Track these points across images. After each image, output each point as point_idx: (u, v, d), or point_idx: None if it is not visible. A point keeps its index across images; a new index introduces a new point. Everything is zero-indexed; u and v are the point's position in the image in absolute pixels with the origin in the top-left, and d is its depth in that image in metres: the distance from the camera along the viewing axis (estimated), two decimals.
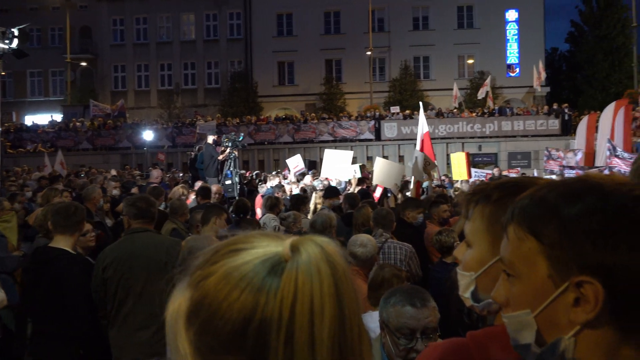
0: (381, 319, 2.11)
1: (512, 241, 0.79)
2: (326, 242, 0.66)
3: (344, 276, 0.64)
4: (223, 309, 0.61)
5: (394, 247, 4.51)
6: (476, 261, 1.07)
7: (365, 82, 31.30)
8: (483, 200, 1.09)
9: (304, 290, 0.61)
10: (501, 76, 32.29)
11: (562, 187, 0.77)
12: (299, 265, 0.62)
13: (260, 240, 0.66)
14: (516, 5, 32.44)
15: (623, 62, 31.52)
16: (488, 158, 25.30)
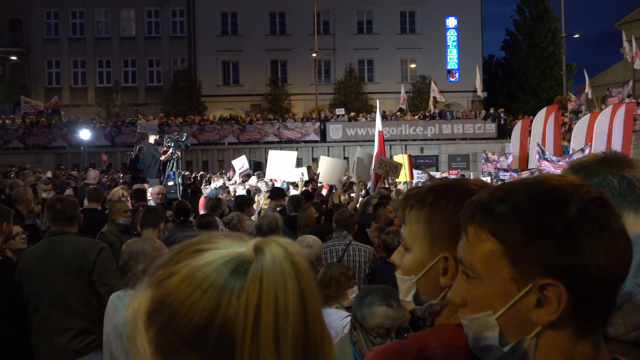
0: (354, 318, 2.11)
1: (473, 242, 0.78)
2: (289, 244, 0.68)
3: (306, 276, 0.65)
4: (185, 308, 0.61)
5: (357, 250, 4.48)
6: (416, 264, 1.07)
7: (311, 84, 31.44)
8: (418, 204, 1.09)
9: (268, 290, 0.62)
10: (442, 81, 33.35)
11: (522, 188, 0.76)
12: (264, 266, 0.63)
13: (224, 241, 0.67)
14: (455, 12, 33.63)
15: (553, 69, 33.37)
16: (429, 160, 26.08)
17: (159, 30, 33.28)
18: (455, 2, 33.39)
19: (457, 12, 33.61)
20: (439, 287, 1.03)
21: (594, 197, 0.73)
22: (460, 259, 0.81)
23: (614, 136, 15.55)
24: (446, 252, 1.02)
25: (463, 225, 0.80)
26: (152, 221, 4.19)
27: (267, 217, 4.93)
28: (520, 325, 0.74)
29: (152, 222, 4.18)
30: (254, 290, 0.61)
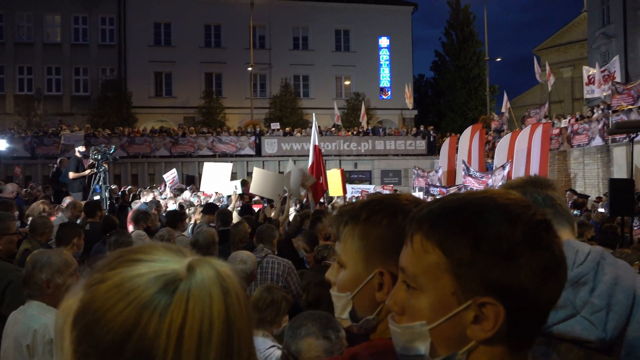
0: (287, 351, 1.97)
1: (417, 253, 0.77)
2: (222, 266, 0.66)
3: (236, 301, 0.64)
4: (107, 318, 0.59)
5: (272, 262, 4.51)
6: (352, 281, 1.06)
7: (246, 98, 31.26)
8: (352, 220, 1.09)
9: (194, 312, 0.60)
10: (375, 98, 34.33)
11: (473, 203, 0.76)
12: (192, 287, 0.61)
13: (162, 254, 0.65)
14: (388, 33, 34.84)
15: (478, 90, 35.26)
16: (363, 175, 26.59)
17: (87, 37, 31.88)
18: (388, 23, 34.61)
19: (390, 32, 34.83)
20: (375, 302, 1.03)
21: (539, 220, 0.74)
22: (402, 267, 0.80)
23: (533, 154, 16.61)
24: (381, 267, 1.02)
25: (409, 234, 0.79)
26: (64, 238, 4.05)
27: (202, 233, 4.82)
28: (454, 339, 0.74)
29: (64, 238, 4.05)
30: (179, 311, 0.59)
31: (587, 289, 1.06)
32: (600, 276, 1.09)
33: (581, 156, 18.56)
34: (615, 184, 8.85)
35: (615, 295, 1.06)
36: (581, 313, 1.03)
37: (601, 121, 17.40)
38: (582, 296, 1.04)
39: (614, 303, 1.05)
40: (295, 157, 24.98)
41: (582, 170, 18.54)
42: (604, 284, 1.07)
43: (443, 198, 0.81)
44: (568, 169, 19.38)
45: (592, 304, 1.04)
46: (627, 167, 10.89)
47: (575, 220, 5.37)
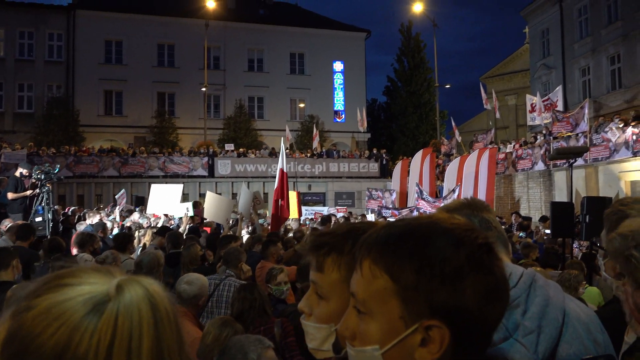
0: None
1: (366, 278, 0.78)
2: (151, 284, 0.67)
3: (166, 319, 0.65)
4: (35, 344, 0.59)
5: (229, 285, 4.47)
6: (336, 314, 1.00)
7: (200, 118, 30.94)
8: (335, 251, 1.06)
9: (122, 330, 0.61)
10: (329, 121, 34.75)
11: (418, 229, 0.78)
12: (120, 306, 0.62)
13: (90, 277, 0.65)
14: (342, 57, 35.55)
15: (429, 115, 36.33)
16: (317, 197, 26.68)
17: (33, 53, 30.80)
18: (342, 47, 35.34)
19: (344, 57, 35.55)
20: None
21: (481, 243, 0.77)
22: (352, 293, 0.81)
23: (480, 177, 17.20)
24: None
25: (359, 260, 0.80)
26: (3, 261, 3.92)
27: (147, 255, 4.69)
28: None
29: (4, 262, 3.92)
30: (107, 330, 0.60)
31: (520, 311, 1.10)
32: (532, 298, 1.14)
33: (525, 180, 19.36)
34: (556, 207, 9.26)
35: (546, 317, 1.11)
36: (514, 336, 1.07)
37: (543, 147, 18.26)
38: (514, 319, 1.08)
39: (545, 325, 1.10)
40: (249, 178, 24.84)
41: (526, 194, 19.32)
42: (536, 306, 1.12)
43: (391, 223, 0.83)
44: (513, 192, 20.14)
45: (524, 327, 1.08)
46: (567, 191, 11.45)
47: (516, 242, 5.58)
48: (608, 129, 16.04)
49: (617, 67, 23.70)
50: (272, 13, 36.70)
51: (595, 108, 23.50)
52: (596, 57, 24.88)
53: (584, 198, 8.69)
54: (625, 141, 14.97)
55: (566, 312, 1.14)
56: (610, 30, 23.90)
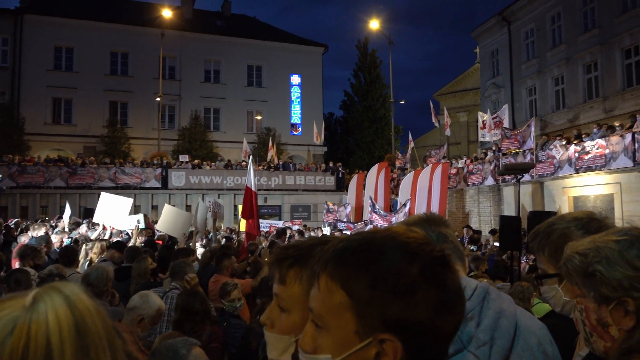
0: None
1: (323, 293, 0.78)
2: (72, 289, 0.69)
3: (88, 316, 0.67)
4: None
5: (172, 298, 4.42)
6: (297, 326, 1.02)
7: (154, 129, 30.28)
8: (298, 264, 1.07)
9: (37, 338, 0.63)
10: (286, 134, 34.80)
11: (374, 242, 0.78)
12: (33, 316, 0.64)
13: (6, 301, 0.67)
14: (299, 71, 35.78)
15: (384, 130, 36.99)
16: (273, 210, 26.54)
17: None
18: (299, 61, 35.59)
19: (301, 70, 35.79)
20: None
21: (436, 257, 0.77)
22: (310, 308, 0.81)
23: (433, 191, 17.58)
24: None
25: (316, 274, 0.80)
26: None
27: (96, 269, 4.51)
28: None
29: None
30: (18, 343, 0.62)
31: (474, 323, 1.12)
32: (486, 310, 1.16)
33: (476, 194, 19.96)
34: (504, 220, 9.57)
35: (499, 329, 1.14)
36: (468, 347, 1.09)
37: (493, 163, 18.91)
38: (468, 331, 1.10)
39: (498, 337, 1.12)
40: (204, 190, 24.44)
41: (477, 208, 19.90)
42: (489, 318, 1.14)
43: (348, 237, 0.82)
44: (464, 206, 20.71)
45: (477, 339, 1.10)
46: (515, 205, 11.89)
47: (468, 255, 5.71)
48: (552, 146, 16.79)
49: (561, 88, 24.93)
50: (229, 24, 36.58)
51: (541, 126, 24.59)
52: (542, 78, 26.10)
53: (530, 212, 9.04)
54: (568, 158, 15.71)
55: (518, 324, 1.17)
56: (555, 53, 25.16)
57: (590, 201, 15.49)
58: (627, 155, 13.60)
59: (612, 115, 20.59)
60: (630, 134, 13.70)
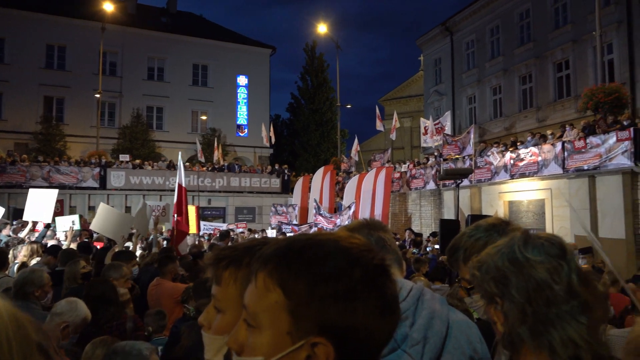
0: None
1: (260, 291, 0.77)
2: None
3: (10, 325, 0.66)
4: None
5: None
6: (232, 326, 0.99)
7: (92, 126, 29.05)
8: (233, 264, 1.07)
9: None
10: (231, 135, 34.38)
11: (317, 244, 0.78)
12: None
13: None
14: (246, 72, 35.48)
15: (330, 133, 37.32)
16: (217, 212, 26.12)
17: None
18: (246, 62, 35.29)
19: (248, 71, 35.49)
20: None
21: (376, 264, 0.77)
22: (244, 305, 0.80)
23: (377, 194, 17.91)
24: None
25: (254, 272, 0.79)
26: None
27: (28, 272, 4.26)
28: None
29: None
30: None
31: (408, 323, 1.16)
32: (420, 311, 1.20)
33: (418, 198, 20.50)
34: (444, 224, 9.90)
35: (431, 328, 1.18)
36: (402, 347, 1.12)
37: (434, 168, 19.49)
38: (402, 331, 1.14)
39: (431, 335, 1.17)
40: (145, 191, 23.71)
41: (418, 211, 20.44)
42: (422, 318, 1.19)
43: (291, 238, 0.82)
44: (407, 209, 21.22)
45: (411, 338, 1.14)
46: (455, 209, 12.33)
47: (410, 257, 5.86)
48: (490, 153, 17.53)
49: (499, 98, 26.10)
50: (175, 22, 35.75)
51: (480, 133, 25.62)
52: (481, 87, 27.21)
53: (469, 216, 9.40)
54: (504, 165, 16.44)
55: (450, 324, 1.22)
56: (493, 64, 26.31)
57: (524, 206, 16.27)
58: (557, 163, 14.41)
59: (544, 125, 21.75)
60: (560, 143, 14.52)
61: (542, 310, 1.06)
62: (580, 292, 1.08)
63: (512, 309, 1.09)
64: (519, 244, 1.13)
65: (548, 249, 1.11)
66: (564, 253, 1.11)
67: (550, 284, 1.07)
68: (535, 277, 1.08)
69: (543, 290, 1.07)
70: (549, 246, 1.11)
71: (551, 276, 1.07)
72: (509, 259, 1.12)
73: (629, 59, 19.07)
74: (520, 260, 1.10)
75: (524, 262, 1.10)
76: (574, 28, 21.55)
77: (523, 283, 1.08)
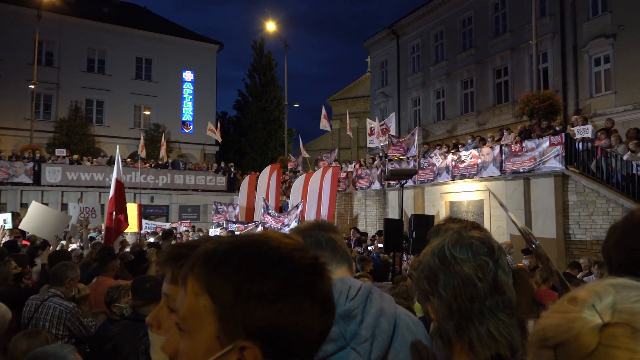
0: None
1: (189, 295, 0.75)
2: None
3: None
4: None
5: (50, 307, 4.11)
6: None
7: (25, 119, 27.53)
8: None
9: None
10: (176, 131, 33.55)
11: (245, 246, 0.76)
12: None
13: None
14: (192, 67, 34.72)
15: (277, 132, 37.20)
16: (160, 210, 25.44)
17: None
18: (193, 57, 34.54)
19: (194, 67, 34.75)
20: None
21: (307, 263, 0.76)
22: (176, 310, 0.78)
23: (323, 194, 18.02)
24: None
25: (184, 276, 0.78)
26: None
27: None
28: None
29: None
30: None
31: (357, 321, 1.19)
32: (368, 309, 1.23)
33: (363, 198, 20.80)
34: (388, 223, 10.09)
35: (379, 326, 1.21)
36: (350, 345, 1.14)
37: (379, 168, 19.85)
38: (351, 329, 1.16)
39: (378, 333, 1.20)
40: (83, 188, 22.75)
41: (364, 211, 20.75)
42: (371, 317, 1.21)
43: (220, 239, 0.80)
44: (353, 208, 21.49)
45: (359, 336, 1.17)
46: (399, 209, 12.59)
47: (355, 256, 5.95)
48: (433, 154, 18.06)
49: (442, 101, 26.93)
50: (117, 12, 34.46)
51: (424, 135, 26.33)
52: (425, 90, 27.98)
53: (412, 216, 9.63)
54: (446, 166, 16.98)
55: (397, 321, 1.25)
56: (437, 68, 27.12)
57: (464, 206, 16.87)
58: (495, 165, 15.04)
59: (484, 128, 22.65)
60: (499, 146, 15.17)
61: (467, 306, 1.10)
62: (505, 289, 1.12)
63: (440, 306, 1.13)
64: (449, 243, 1.18)
65: (477, 248, 1.15)
66: (492, 252, 1.15)
67: (474, 280, 1.11)
68: (461, 274, 1.12)
69: (467, 286, 1.11)
70: (479, 245, 1.16)
71: (476, 273, 1.12)
72: (438, 258, 1.16)
73: (562, 67, 20.19)
74: (448, 258, 1.15)
75: (451, 260, 1.14)
76: (512, 36, 22.56)
77: (450, 280, 1.12)
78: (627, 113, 17.35)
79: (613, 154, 12.28)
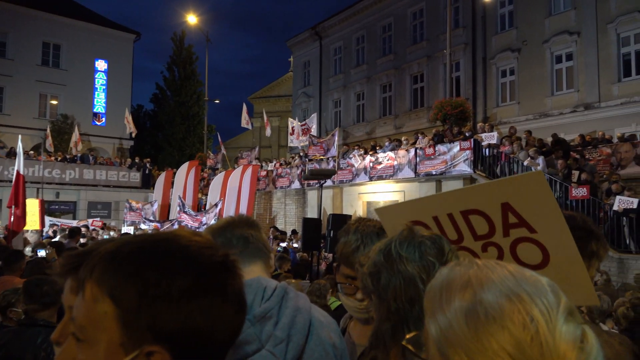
0: None
1: (88, 302, 0.69)
2: None
3: None
4: None
5: None
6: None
7: None
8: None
9: None
10: (87, 123, 31.55)
11: (150, 246, 0.72)
12: None
13: None
14: (106, 57, 32.85)
15: (197, 128, 36.22)
16: (66, 206, 23.88)
17: None
18: (107, 46, 32.70)
19: (108, 56, 32.91)
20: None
21: (216, 262, 0.72)
22: (72, 318, 0.72)
23: (243, 192, 17.82)
24: None
25: (81, 281, 0.72)
26: None
27: None
28: None
29: None
30: None
31: (272, 322, 1.17)
32: (284, 310, 1.22)
33: (283, 197, 20.83)
34: (307, 222, 10.18)
35: (295, 326, 1.20)
36: (266, 346, 1.13)
37: (300, 167, 19.97)
38: (267, 330, 1.15)
39: (294, 333, 1.19)
40: None
41: (283, 210, 20.78)
42: (286, 317, 1.21)
43: (123, 239, 0.75)
44: (272, 207, 21.45)
45: (275, 337, 1.15)
46: (318, 209, 12.73)
47: (274, 255, 5.94)
48: (352, 155, 18.46)
49: (362, 103, 27.60)
50: None
51: (344, 136, 26.84)
52: (346, 92, 28.54)
53: (330, 215, 9.77)
54: (364, 167, 17.43)
55: (312, 321, 1.26)
56: (358, 72, 27.77)
57: (380, 206, 17.44)
58: (410, 167, 15.68)
59: (401, 132, 23.51)
60: (414, 149, 15.83)
61: (406, 308, 1.05)
62: None
63: (380, 305, 1.09)
64: (397, 240, 1.12)
65: (426, 248, 1.10)
66: (442, 253, 1.10)
67: (417, 282, 1.06)
68: (404, 274, 1.07)
69: (409, 287, 1.05)
70: (429, 245, 1.11)
71: (420, 274, 1.06)
72: (384, 255, 1.12)
73: (473, 77, 21.45)
74: (393, 256, 1.10)
75: (396, 258, 1.09)
76: (428, 45, 23.62)
77: (391, 279, 1.07)
78: (528, 122, 18.77)
79: (515, 159, 13.25)
